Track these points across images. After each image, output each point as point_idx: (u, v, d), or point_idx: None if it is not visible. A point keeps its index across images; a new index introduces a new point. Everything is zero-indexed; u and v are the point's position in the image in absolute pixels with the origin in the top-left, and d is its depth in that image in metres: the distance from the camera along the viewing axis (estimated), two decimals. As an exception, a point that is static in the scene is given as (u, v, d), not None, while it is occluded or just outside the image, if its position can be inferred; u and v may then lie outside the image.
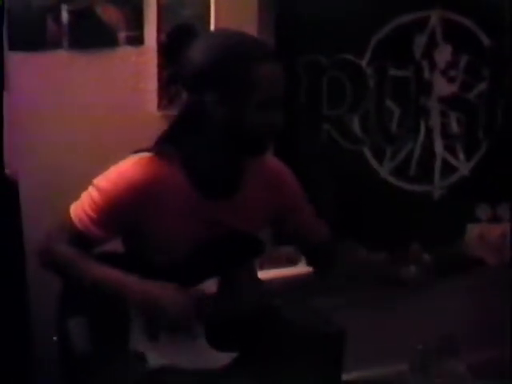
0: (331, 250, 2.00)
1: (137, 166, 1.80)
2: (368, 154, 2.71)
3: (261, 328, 1.93)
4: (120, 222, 1.83)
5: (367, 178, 2.72)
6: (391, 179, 2.75)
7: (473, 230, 1.70)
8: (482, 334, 2.84)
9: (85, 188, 1.88)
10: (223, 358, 1.82)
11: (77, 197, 1.89)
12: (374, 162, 2.72)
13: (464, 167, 2.84)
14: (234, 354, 1.82)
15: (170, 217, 1.82)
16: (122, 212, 1.81)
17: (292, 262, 2.65)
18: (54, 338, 1.87)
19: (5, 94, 2.16)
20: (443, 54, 2.69)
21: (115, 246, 1.94)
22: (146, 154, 1.82)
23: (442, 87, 2.73)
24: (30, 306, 2.15)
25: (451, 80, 2.73)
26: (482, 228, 1.70)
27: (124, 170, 1.81)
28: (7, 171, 2.07)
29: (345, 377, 2.07)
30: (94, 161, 2.32)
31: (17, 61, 2.27)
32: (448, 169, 2.82)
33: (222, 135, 1.78)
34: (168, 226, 1.83)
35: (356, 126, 2.67)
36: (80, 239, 1.82)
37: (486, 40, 2.74)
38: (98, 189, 1.82)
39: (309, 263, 2.10)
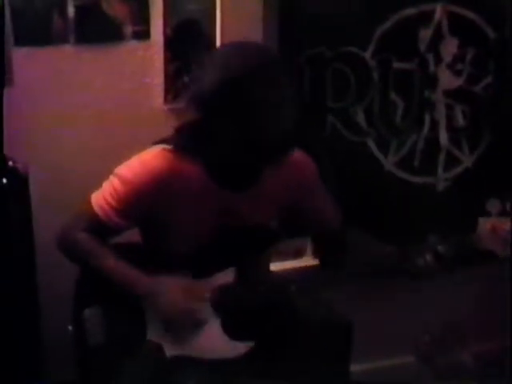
0: (340, 239, 2.02)
1: (158, 157, 1.83)
2: (372, 145, 2.72)
3: (273, 318, 1.95)
4: (140, 212, 1.86)
5: (372, 169, 2.73)
6: (396, 171, 2.76)
7: (485, 224, 1.75)
8: (485, 325, 2.85)
9: (91, 182, 1.90)
10: (239, 348, 1.85)
11: (83, 191, 1.90)
12: (378, 154, 2.73)
13: (468, 160, 2.85)
14: (249, 344, 1.85)
15: (188, 208, 1.85)
16: (142, 201, 1.83)
17: (299, 254, 2.67)
18: (69, 328, 1.89)
19: (10, 89, 2.16)
20: (449, 48, 2.68)
21: (133, 236, 1.96)
22: (167, 146, 1.85)
23: (448, 80, 2.72)
24: (42, 301, 2.16)
25: (457, 73, 2.72)
26: (494, 222, 1.75)
27: (146, 160, 1.84)
28: (17, 165, 2.08)
29: (352, 368, 2.09)
30: (100, 155, 2.35)
31: (23, 56, 2.27)
32: (452, 161, 2.82)
33: (236, 150, 1.77)
34: (186, 217, 1.85)
35: (361, 118, 2.66)
36: (100, 227, 1.85)
37: (491, 33, 2.73)
38: (120, 178, 1.84)
39: (316, 251, 2.11)
